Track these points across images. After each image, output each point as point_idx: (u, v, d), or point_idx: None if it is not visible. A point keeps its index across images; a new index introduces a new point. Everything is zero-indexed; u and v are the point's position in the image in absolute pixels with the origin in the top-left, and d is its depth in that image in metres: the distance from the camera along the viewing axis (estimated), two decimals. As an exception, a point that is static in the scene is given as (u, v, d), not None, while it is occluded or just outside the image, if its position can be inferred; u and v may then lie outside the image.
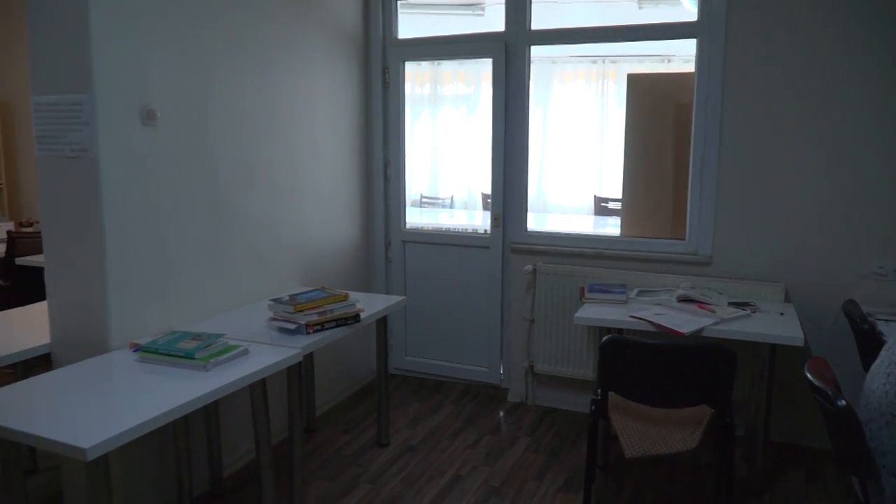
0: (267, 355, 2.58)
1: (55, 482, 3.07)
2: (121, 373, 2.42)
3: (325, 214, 3.99)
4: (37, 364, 3.00)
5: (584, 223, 6.99)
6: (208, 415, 3.05)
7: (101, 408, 2.14)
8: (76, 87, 2.46)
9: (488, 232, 4.30)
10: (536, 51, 4.06)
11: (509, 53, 4.02)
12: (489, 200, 4.32)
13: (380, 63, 4.32)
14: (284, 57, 3.52)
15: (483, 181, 7.78)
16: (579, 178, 7.66)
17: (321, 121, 3.89)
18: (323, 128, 3.91)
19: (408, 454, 3.53)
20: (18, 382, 2.43)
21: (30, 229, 5.24)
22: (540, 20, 4.00)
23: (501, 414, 4.05)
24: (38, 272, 4.49)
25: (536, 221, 4.30)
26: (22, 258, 4.51)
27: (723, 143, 3.59)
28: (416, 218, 4.87)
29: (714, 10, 3.52)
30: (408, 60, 4.37)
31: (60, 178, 2.57)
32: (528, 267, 4.02)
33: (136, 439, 1.96)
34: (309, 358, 3.72)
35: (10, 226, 5.28)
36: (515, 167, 4.10)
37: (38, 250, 4.54)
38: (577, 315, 3.29)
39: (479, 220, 7.05)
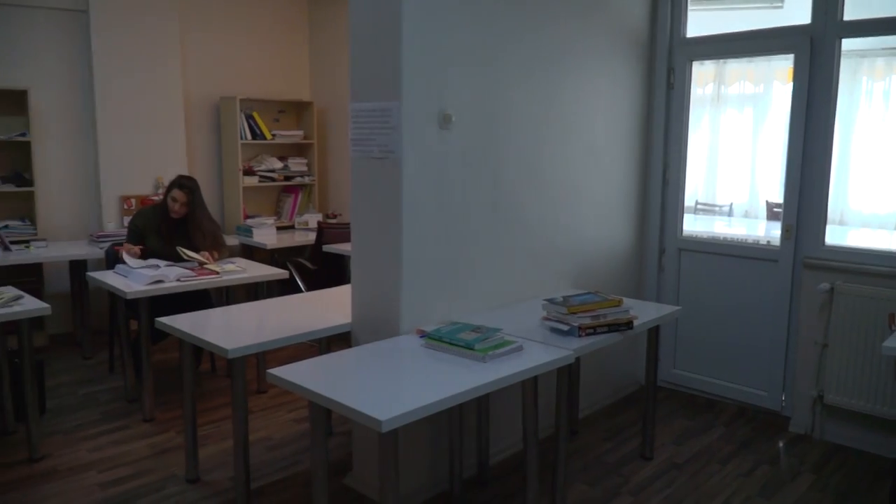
0: (539, 353, 2.63)
1: (345, 446, 3.45)
2: (409, 356, 2.64)
3: (600, 217, 3.96)
4: (335, 340, 3.40)
5: (893, 240, 6.09)
6: (479, 403, 3.20)
7: (393, 385, 2.36)
8: (387, 95, 2.74)
9: (774, 244, 3.94)
10: (845, 44, 3.62)
11: (815, 48, 3.64)
12: (775, 209, 3.97)
13: (665, 63, 4.18)
14: (569, 60, 3.56)
15: (769, 188, 7.17)
16: (888, 188, 6.69)
17: (601, 123, 3.87)
18: (603, 130, 3.89)
19: (673, 471, 3.38)
20: (324, 356, 2.77)
21: (334, 221, 5.95)
22: (853, 9, 3.56)
23: (781, 444, 3.69)
24: (340, 258, 5.10)
25: (832, 235, 3.84)
26: (328, 246, 5.13)
27: None
28: (690, 225, 4.63)
29: None
30: (696, 60, 4.17)
31: (369, 177, 2.88)
32: (825, 285, 3.61)
33: (416, 420, 2.12)
34: (576, 360, 3.72)
35: (319, 217, 6.04)
36: (814, 174, 3.70)
37: (341, 239, 5.15)
38: (885, 344, 2.87)
39: (760, 231, 6.51)
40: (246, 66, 6.28)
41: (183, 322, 3.07)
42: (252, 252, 5.59)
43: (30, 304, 3.34)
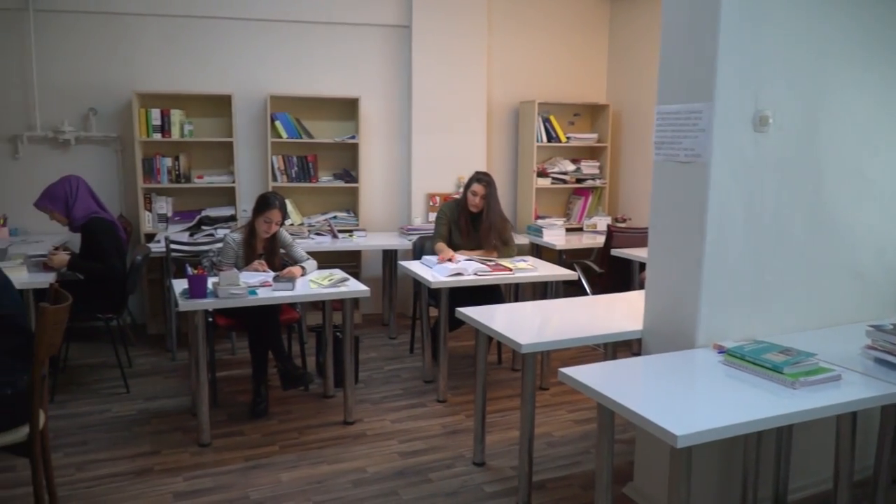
0: (861, 386, 2.32)
1: (625, 455, 3.39)
2: (704, 371, 2.50)
3: (946, 236, 3.36)
4: (619, 346, 3.35)
5: None
6: (781, 431, 2.92)
7: (687, 400, 2.26)
8: (698, 96, 2.62)
9: None
10: None
11: None
12: None
13: None
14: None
15: None
16: None
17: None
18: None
19: None
20: (614, 361, 2.75)
21: (623, 225, 5.87)
22: None
23: None
24: (628, 263, 5.03)
25: None
26: (616, 250, 5.07)
27: None
28: None
29: None
30: None
31: (672, 181, 2.78)
32: None
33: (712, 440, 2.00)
34: (902, 399, 3.21)
35: (609, 220, 6.00)
36: None
37: (630, 244, 5.07)
38: None
39: None
40: (545, 70, 6.48)
41: (478, 314, 3.26)
42: (540, 251, 5.75)
43: (354, 286, 3.81)
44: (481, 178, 4.53)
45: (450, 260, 4.28)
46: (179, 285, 3.67)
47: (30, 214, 4.78)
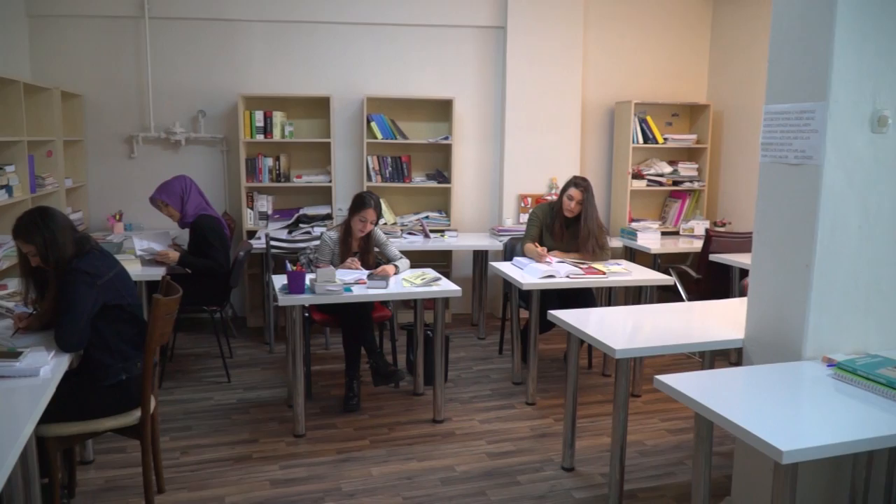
0: None
1: (720, 468, 3.27)
2: (811, 385, 2.37)
3: None
4: (717, 355, 3.22)
5: None
6: (893, 452, 2.74)
7: (792, 414, 2.16)
8: (810, 95, 2.49)
9: None
10: None
11: None
12: None
13: None
14: None
15: None
16: None
17: None
18: None
19: None
20: (712, 370, 2.65)
21: (722, 229, 5.65)
22: None
23: None
24: (727, 269, 4.84)
25: None
26: (715, 255, 4.89)
27: None
28: None
29: None
30: None
31: (780, 184, 2.65)
32: None
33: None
34: None
35: (707, 224, 5.79)
36: None
37: (730, 249, 4.88)
38: None
39: None
40: (642, 70, 6.32)
41: (571, 317, 3.22)
42: (634, 255, 5.62)
43: (445, 286, 3.85)
44: (579, 182, 4.46)
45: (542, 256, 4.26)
46: (279, 281, 3.80)
47: (143, 211, 5.08)
